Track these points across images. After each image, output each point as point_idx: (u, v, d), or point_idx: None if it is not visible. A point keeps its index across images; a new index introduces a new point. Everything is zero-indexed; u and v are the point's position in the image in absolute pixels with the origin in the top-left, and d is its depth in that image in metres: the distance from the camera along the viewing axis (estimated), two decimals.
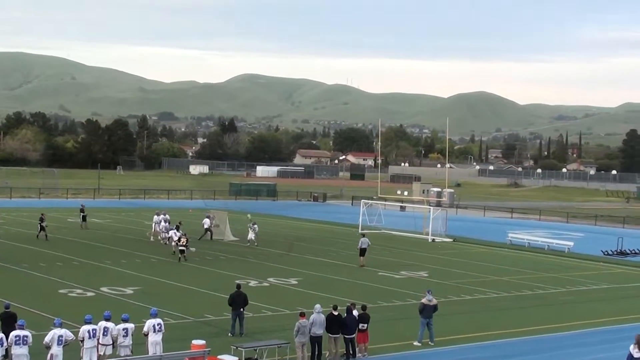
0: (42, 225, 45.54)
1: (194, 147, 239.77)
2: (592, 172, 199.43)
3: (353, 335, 22.30)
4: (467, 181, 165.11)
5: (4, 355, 18.24)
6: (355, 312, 22.62)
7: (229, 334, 24.09)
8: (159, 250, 43.32)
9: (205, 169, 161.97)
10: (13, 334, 18.33)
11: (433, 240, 55.03)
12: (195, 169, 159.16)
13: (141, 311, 24.99)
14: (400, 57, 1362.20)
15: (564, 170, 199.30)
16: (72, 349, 19.20)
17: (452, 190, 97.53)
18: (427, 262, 43.84)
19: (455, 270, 41.17)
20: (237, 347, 21.04)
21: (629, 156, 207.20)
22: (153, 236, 47.61)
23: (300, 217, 70.52)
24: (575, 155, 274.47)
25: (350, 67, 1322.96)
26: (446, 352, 23.83)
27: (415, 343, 24.30)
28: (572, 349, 24.98)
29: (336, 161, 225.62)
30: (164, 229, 46.02)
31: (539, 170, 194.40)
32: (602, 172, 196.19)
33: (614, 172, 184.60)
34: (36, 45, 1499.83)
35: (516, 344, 25.38)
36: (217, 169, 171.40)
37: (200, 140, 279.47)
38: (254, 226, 46.80)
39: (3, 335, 18.31)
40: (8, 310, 20.58)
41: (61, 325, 18.88)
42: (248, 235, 46.70)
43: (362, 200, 64.39)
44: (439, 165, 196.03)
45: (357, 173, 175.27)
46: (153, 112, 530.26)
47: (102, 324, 19.46)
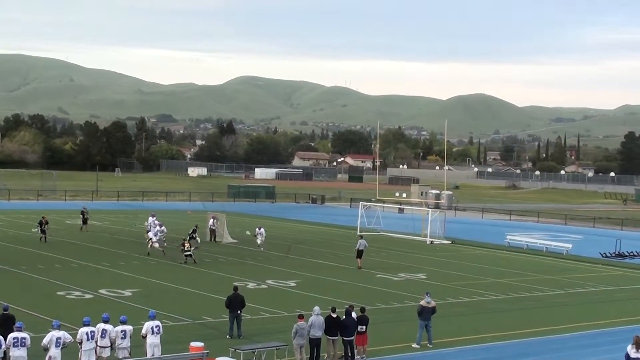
0: (42, 228, 45.48)
1: (192, 149, 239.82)
2: (591, 174, 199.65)
3: (352, 338, 22.27)
4: (465, 183, 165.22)
5: (2, 357, 18.24)
6: (354, 314, 22.62)
7: (227, 336, 24.09)
8: (156, 252, 43.25)
9: (203, 171, 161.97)
10: (11, 336, 18.33)
11: (431, 242, 55.06)
12: (193, 171, 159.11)
13: (139, 313, 24.98)
14: (398, 59, 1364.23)
15: (562, 172, 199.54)
16: (70, 351, 19.19)
17: (450, 192, 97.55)
18: (425, 264, 43.86)
19: (453, 273, 41.18)
20: (235, 349, 21.04)
21: (627, 158, 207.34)
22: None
23: (298, 219, 70.53)
24: (573, 157, 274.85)
25: (349, 69, 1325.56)
26: (445, 354, 23.83)
27: (414, 345, 24.31)
28: (570, 351, 24.99)
29: (334, 163, 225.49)
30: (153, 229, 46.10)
31: (537, 173, 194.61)
32: (601, 174, 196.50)
33: (612, 174, 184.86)
34: (34, 47, 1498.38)
35: (514, 346, 25.39)
36: (216, 171, 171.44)
37: (199, 142, 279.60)
38: (261, 230, 46.15)
39: (1, 337, 18.28)
40: (6, 312, 20.58)
41: (59, 327, 18.90)
42: (257, 240, 45.95)
43: (361, 202, 64.40)
44: (437, 168, 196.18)
45: (355, 175, 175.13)
46: (151, 114, 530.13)
47: (101, 326, 19.47)
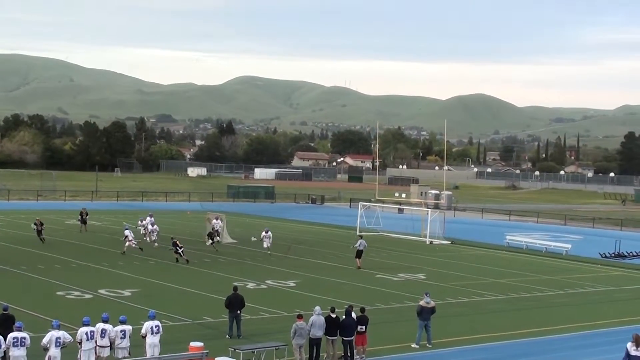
0: (39, 229, 45.38)
1: (192, 150, 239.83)
2: (590, 174, 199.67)
3: (351, 338, 22.27)
4: (465, 183, 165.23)
5: (2, 357, 18.25)
6: (353, 314, 22.62)
7: (227, 336, 24.11)
8: (156, 252, 43.31)
9: (203, 171, 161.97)
10: (11, 335, 18.35)
11: (431, 242, 55.06)
12: (193, 171, 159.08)
13: (139, 313, 25.00)
14: (398, 60, 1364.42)
15: (562, 172, 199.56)
16: (69, 351, 19.21)
17: (450, 193, 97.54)
18: (424, 265, 43.86)
19: (453, 273, 41.19)
20: (235, 349, 21.05)
21: (627, 158, 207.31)
22: (149, 238, 47.69)
23: (298, 220, 70.52)
24: (573, 157, 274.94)
25: (348, 69, 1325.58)
26: (444, 354, 23.84)
27: (413, 345, 24.32)
28: (570, 352, 25.00)
29: (334, 163, 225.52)
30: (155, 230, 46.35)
31: (537, 173, 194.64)
32: (600, 174, 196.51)
33: (612, 174, 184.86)
34: (34, 47, 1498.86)
35: (514, 346, 25.40)
36: (215, 171, 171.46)
37: (198, 142, 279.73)
38: (268, 233, 44.79)
39: (1, 337, 18.29)
40: (6, 312, 20.61)
41: (59, 327, 18.92)
42: (264, 244, 44.47)
43: (360, 203, 64.38)
44: (437, 168, 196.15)
45: (355, 175, 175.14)
46: (151, 114, 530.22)
47: (100, 325, 19.48)
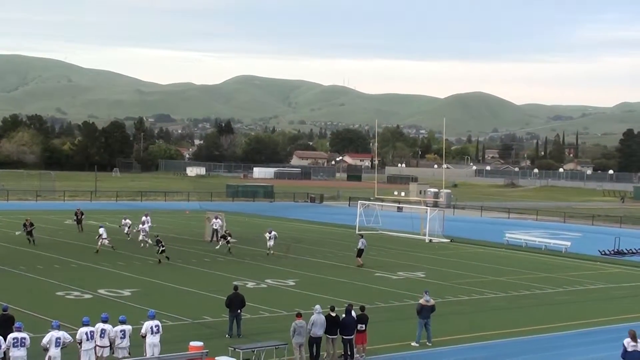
0: (28, 230, 45.08)
1: (190, 149, 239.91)
2: (589, 171, 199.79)
3: (351, 337, 22.28)
4: (464, 181, 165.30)
5: (2, 357, 18.24)
6: (353, 313, 22.62)
7: (227, 336, 24.10)
8: (155, 252, 43.23)
9: (202, 170, 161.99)
10: (11, 336, 18.35)
11: (430, 240, 55.06)
12: (192, 171, 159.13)
13: (139, 313, 24.99)
14: (396, 58, 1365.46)
15: (561, 170, 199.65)
16: (70, 351, 19.21)
17: (449, 191, 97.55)
18: (424, 263, 43.86)
19: (452, 271, 41.19)
20: (234, 349, 21.04)
21: (626, 156, 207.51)
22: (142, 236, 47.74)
23: (297, 219, 70.50)
24: (572, 155, 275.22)
25: (347, 68, 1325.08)
26: (444, 353, 23.85)
27: (413, 344, 24.33)
28: (569, 349, 25.01)
29: (333, 162, 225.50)
30: (144, 229, 45.99)
31: (536, 170, 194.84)
32: (599, 171, 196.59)
33: (611, 171, 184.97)
34: (33, 47, 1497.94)
35: (514, 344, 25.41)
36: (214, 170, 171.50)
37: (197, 142, 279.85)
38: (272, 233, 44.39)
39: (1, 337, 18.29)
40: (6, 313, 20.59)
41: (59, 328, 18.91)
42: (267, 243, 43.93)
43: (359, 201, 64.41)
44: (435, 166, 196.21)
45: (354, 174, 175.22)
46: (150, 114, 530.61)
47: (100, 325, 19.48)
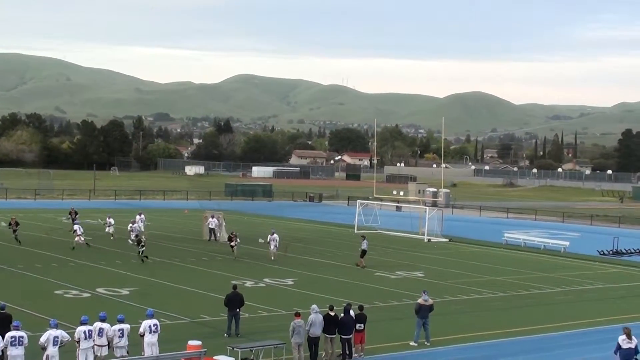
0: (14, 229, 44.57)
1: (189, 148, 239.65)
2: (588, 171, 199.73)
3: (350, 336, 22.26)
4: (462, 181, 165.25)
5: (0, 356, 18.21)
6: (352, 312, 22.60)
7: (225, 335, 24.08)
8: (154, 250, 43.26)
9: (201, 169, 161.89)
10: (9, 334, 18.32)
11: (429, 240, 55.04)
12: (191, 170, 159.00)
13: (137, 312, 24.95)
14: (395, 57, 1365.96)
15: (560, 170, 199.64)
16: (67, 350, 19.18)
17: (447, 190, 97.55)
18: (423, 262, 43.85)
19: (451, 270, 41.19)
20: (233, 348, 21.02)
21: (625, 156, 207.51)
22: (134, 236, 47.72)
23: (296, 218, 70.50)
24: (570, 155, 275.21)
25: (346, 67, 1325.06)
26: (442, 352, 23.84)
27: (412, 343, 24.32)
28: (568, 349, 25.01)
29: (332, 161, 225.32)
30: (135, 228, 45.53)
31: (535, 170, 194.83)
32: (598, 171, 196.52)
33: (610, 171, 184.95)
34: (31, 46, 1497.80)
35: (512, 343, 25.40)
36: (213, 169, 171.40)
37: (196, 140, 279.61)
38: (274, 235, 42.08)
39: None
40: (3, 311, 20.56)
41: (57, 326, 18.88)
42: (270, 248, 41.81)
43: (358, 201, 64.40)
44: (434, 165, 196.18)
45: (352, 173, 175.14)
46: (148, 113, 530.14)
47: (98, 324, 19.45)
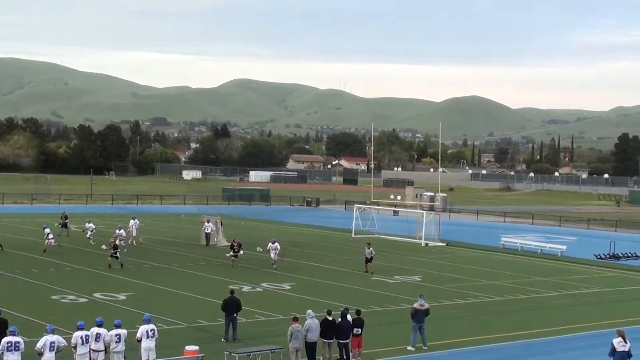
0: None
1: (187, 153, 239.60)
2: (585, 176, 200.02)
3: (347, 340, 22.20)
4: (460, 185, 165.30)
5: None
6: (349, 317, 22.56)
7: (223, 340, 24.04)
8: (151, 255, 43.25)
9: (198, 174, 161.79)
10: (5, 340, 18.26)
11: (426, 244, 55.04)
12: (188, 174, 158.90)
13: (134, 317, 24.90)
14: (393, 62, 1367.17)
15: (557, 174, 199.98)
16: (64, 356, 19.13)
17: (445, 195, 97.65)
18: (420, 267, 43.85)
19: (448, 275, 41.19)
20: (230, 353, 20.98)
21: (621, 160, 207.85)
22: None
23: (293, 222, 70.49)
24: (567, 159, 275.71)
25: (343, 71, 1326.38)
26: (440, 357, 23.81)
27: (409, 348, 24.29)
28: (565, 353, 25.01)
29: (329, 166, 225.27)
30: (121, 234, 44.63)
31: (532, 174, 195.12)
32: (595, 175, 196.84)
33: (606, 175, 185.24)
34: (28, 51, 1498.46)
35: (510, 348, 25.38)
36: (210, 174, 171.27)
37: (193, 145, 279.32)
38: (275, 244, 40.51)
39: None
40: (0, 317, 20.51)
41: (53, 332, 18.81)
42: (271, 255, 40.40)
43: (356, 205, 64.44)
44: (431, 170, 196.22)
45: (350, 178, 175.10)
46: (146, 117, 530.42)
47: (95, 330, 19.38)
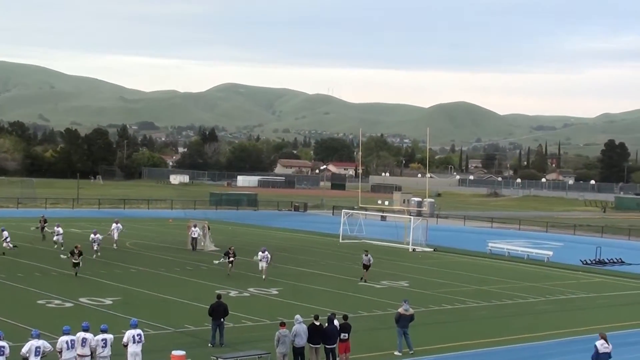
0: None
1: (174, 157, 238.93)
2: (571, 182, 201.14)
3: (334, 346, 22.20)
4: (447, 191, 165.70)
5: None
6: (336, 322, 22.55)
7: (209, 345, 23.98)
8: (137, 260, 43.09)
9: (185, 178, 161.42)
10: None
11: (414, 249, 55.11)
12: (175, 179, 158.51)
13: (121, 322, 24.81)
14: (381, 67, 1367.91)
15: (543, 180, 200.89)
16: None
17: (432, 200, 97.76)
18: (407, 272, 43.88)
19: (435, 280, 41.25)
20: (217, 358, 20.95)
21: (607, 166, 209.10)
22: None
23: (281, 227, 70.41)
24: (554, 165, 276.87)
25: (331, 76, 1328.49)
26: None
27: (396, 353, 24.31)
28: (551, 358, 25.10)
29: (317, 171, 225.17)
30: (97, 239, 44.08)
31: (519, 180, 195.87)
32: (581, 182, 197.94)
33: (593, 182, 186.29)
34: (15, 53, 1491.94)
35: (497, 353, 25.44)
36: (198, 178, 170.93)
37: (181, 149, 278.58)
38: (265, 253, 38.81)
39: None
40: None
41: (39, 337, 18.72)
42: (261, 264, 38.56)
43: (343, 210, 64.43)
44: (419, 175, 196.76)
45: (338, 183, 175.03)
46: (133, 121, 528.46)
47: (81, 334, 19.31)
